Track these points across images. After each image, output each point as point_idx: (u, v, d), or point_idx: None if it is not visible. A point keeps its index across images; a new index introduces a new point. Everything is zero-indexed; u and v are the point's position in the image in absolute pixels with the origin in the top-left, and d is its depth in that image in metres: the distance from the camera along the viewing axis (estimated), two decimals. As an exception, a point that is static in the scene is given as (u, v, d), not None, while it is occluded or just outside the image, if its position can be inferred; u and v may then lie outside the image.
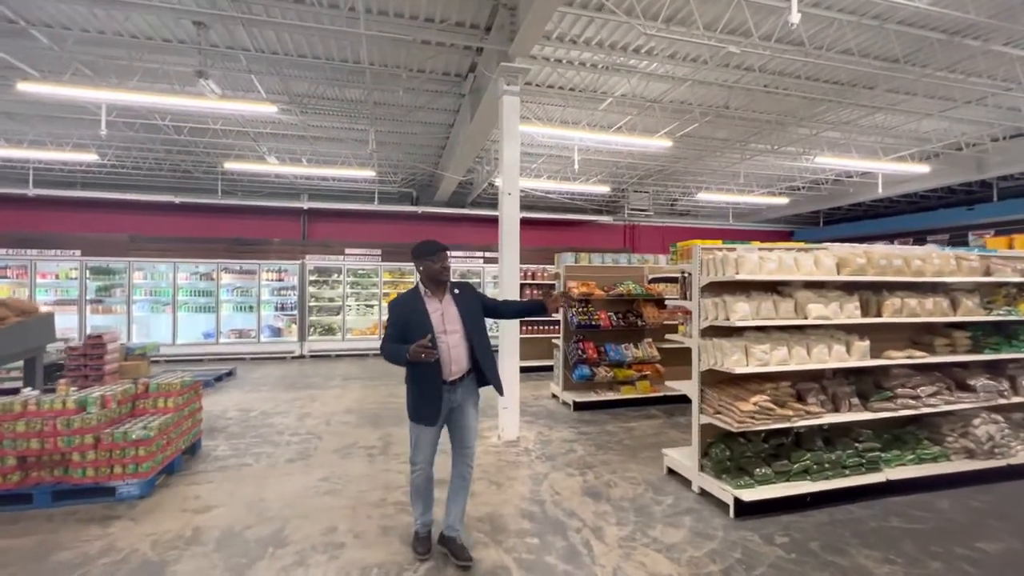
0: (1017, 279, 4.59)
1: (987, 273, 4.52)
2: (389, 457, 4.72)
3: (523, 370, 9.14)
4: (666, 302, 6.93)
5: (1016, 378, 4.47)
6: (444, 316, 2.81)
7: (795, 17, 3.88)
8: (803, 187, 12.94)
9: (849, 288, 4.11)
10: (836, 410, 3.91)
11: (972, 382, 4.28)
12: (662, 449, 4.49)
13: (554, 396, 7.18)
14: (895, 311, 4.02)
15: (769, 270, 3.74)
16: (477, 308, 2.94)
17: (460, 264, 12.43)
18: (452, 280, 2.95)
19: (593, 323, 6.67)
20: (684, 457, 4.15)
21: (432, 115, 8.50)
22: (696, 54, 6.30)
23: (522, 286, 9.77)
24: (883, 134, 9.17)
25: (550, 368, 8.51)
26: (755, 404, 3.59)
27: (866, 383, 4.13)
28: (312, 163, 10.77)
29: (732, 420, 3.58)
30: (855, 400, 3.97)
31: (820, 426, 3.98)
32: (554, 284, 6.69)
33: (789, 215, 15.53)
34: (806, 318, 3.80)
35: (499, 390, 2.98)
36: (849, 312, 3.90)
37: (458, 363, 2.80)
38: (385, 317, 6.11)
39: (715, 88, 7.17)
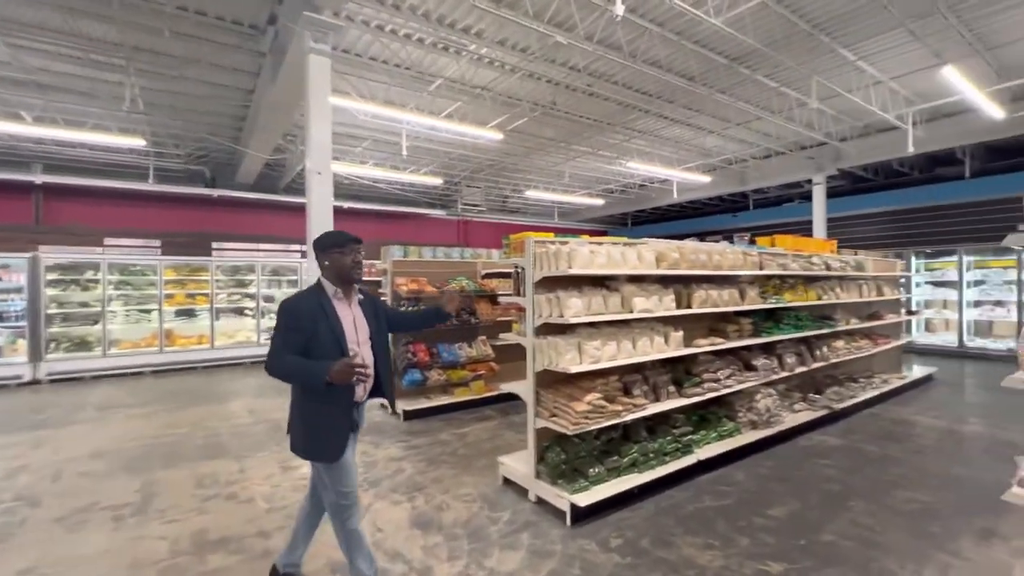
0: (780, 272, 5.43)
1: (761, 267, 5.23)
2: (148, 517, 3.49)
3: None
4: (500, 298, 6.74)
5: (783, 356, 5.28)
6: (356, 324, 2.34)
7: (619, 8, 3.88)
8: (616, 190, 14.30)
9: (664, 282, 4.31)
10: (657, 399, 4.05)
11: (755, 362, 4.90)
12: (498, 457, 4.17)
13: (383, 406, 6.44)
14: (702, 302, 4.33)
15: (599, 264, 3.65)
16: (381, 316, 2.54)
17: (270, 259, 10.68)
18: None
19: (424, 323, 6.11)
20: (520, 463, 3.88)
21: (221, 74, 6.92)
22: (525, 44, 6.18)
23: (346, 283, 8.73)
24: (678, 147, 10.49)
25: (379, 374, 7.70)
26: (589, 403, 3.46)
27: (679, 371, 4.39)
28: (45, 122, 8.00)
29: (568, 423, 3.39)
30: (672, 388, 4.16)
31: (644, 417, 4.09)
32: (446, 287, 6.00)
33: (603, 216, 17.14)
34: (631, 312, 3.82)
35: (392, 405, 2.64)
36: (667, 304, 4.06)
37: (371, 381, 2.36)
38: (196, 323, 4.68)
39: (543, 84, 7.21)
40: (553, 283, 3.67)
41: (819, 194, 10.66)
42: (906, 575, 2.74)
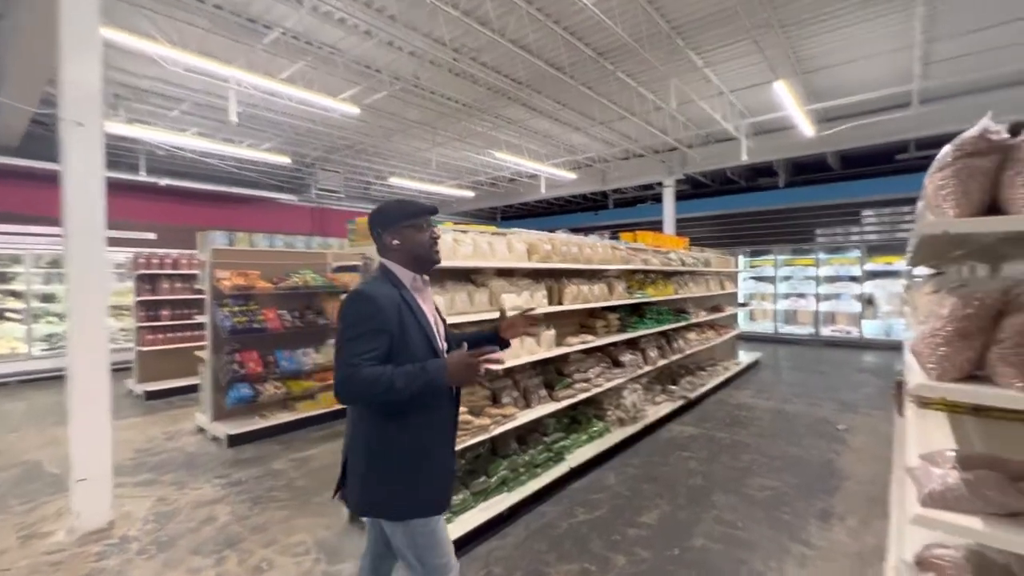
0: (643, 267, 5.47)
1: (627, 262, 5.20)
2: None
3: (155, 395, 6.67)
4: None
5: (646, 350, 5.32)
6: (437, 322, 1.79)
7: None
8: (486, 182, 14.01)
9: (536, 276, 3.95)
10: (528, 406, 3.67)
11: (622, 358, 4.82)
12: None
13: (200, 430, 5.17)
14: (574, 298, 4.06)
15: (464, 255, 3.12)
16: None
17: (45, 247, 8.23)
18: None
19: (256, 326, 5.01)
20: (369, 497, 3.19)
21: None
22: (381, 4, 5.37)
23: (153, 277, 7.02)
24: (546, 142, 10.48)
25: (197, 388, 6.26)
26: (451, 420, 2.91)
27: (550, 373, 4.08)
28: None
29: (425, 446, 2.80)
30: (543, 392, 3.82)
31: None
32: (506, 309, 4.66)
33: (473, 210, 16.81)
34: (501, 310, 3.36)
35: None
36: (538, 300, 3.69)
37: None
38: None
39: (404, 56, 6.46)
40: (409, 277, 3.04)
41: (669, 196, 11.54)
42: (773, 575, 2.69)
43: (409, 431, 1.62)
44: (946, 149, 1.39)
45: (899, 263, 10.53)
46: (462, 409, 2.98)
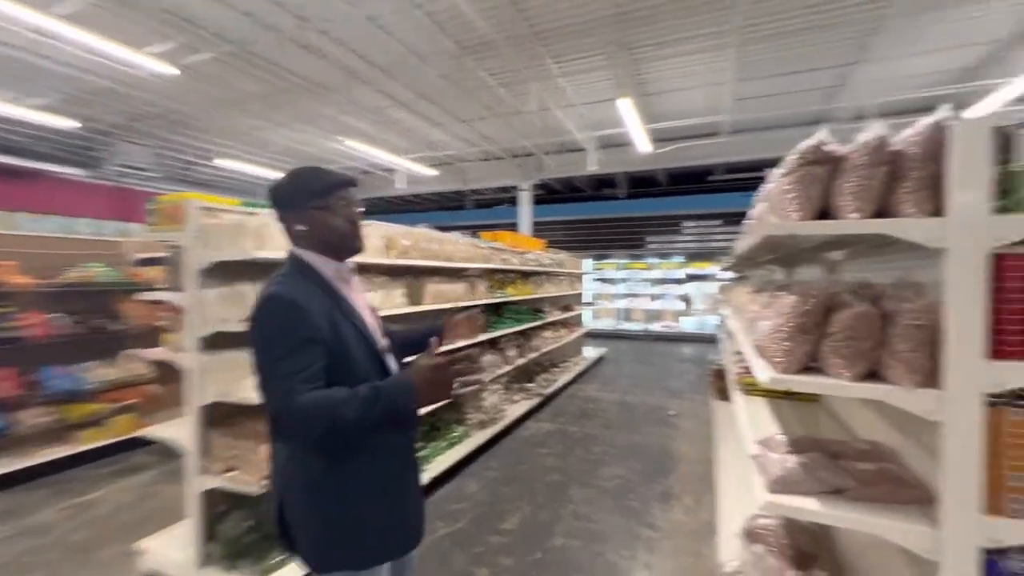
0: (504, 266, 5.47)
1: (488, 260, 5.14)
2: None
3: None
4: (149, 295, 4.80)
5: (505, 349, 5.31)
6: (373, 318, 1.44)
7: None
8: (337, 174, 12.93)
9: (393, 273, 3.62)
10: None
11: (483, 358, 4.72)
12: (138, 542, 2.68)
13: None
14: (434, 297, 3.82)
15: (306, 247, 2.66)
16: None
17: None
18: None
19: (11, 335, 3.77)
20: (175, 546, 2.55)
21: None
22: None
23: None
24: (406, 135, 10.02)
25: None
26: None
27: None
28: None
29: (254, 477, 2.31)
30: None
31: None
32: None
33: (324, 201, 15.41)
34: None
35: None
36: (396, 300, 3.37)
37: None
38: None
39: (234, 14, 5.51)
40: (234, 272, 2.50)
41: (525, 199, 11.95)
42: (625, 564, 2.79)
43: (366, 462, 1.28)
44: (790, 157, 1.49)
45: (711, 268, 12.42)
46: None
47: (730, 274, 11.11)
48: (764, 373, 1.46)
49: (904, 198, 1.32)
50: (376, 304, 2.97)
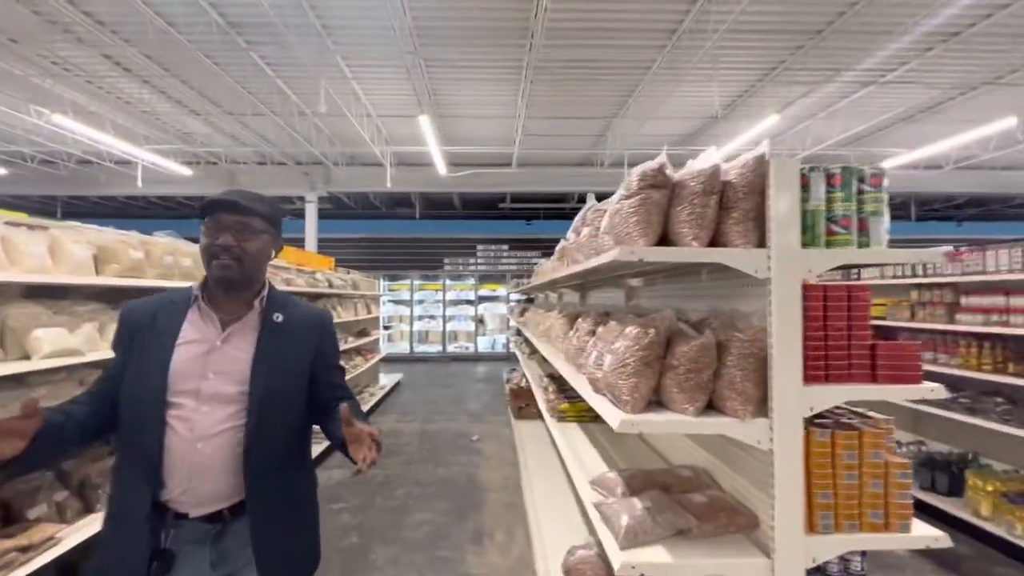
0: (284, 287, 4.60)
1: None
2: None
3: None
4: None
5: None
6: (210, 359, 1.20)
7: None
8: (33, 157, 9.46)
9: (115, 298, 2.56)
10: (89, 509, 2.25)
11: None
12: None
13: None
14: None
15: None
16: (301, 368, 1.31)
17: None
18: (277, 291, 1.38)
19: None
20: None
21: None
22: None
23: None
24: (147, 120, 7.91)
25: None
26: None
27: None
28: None
29: None
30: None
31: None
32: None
33: (7, 195, 11.12)
34: (29, 357, 1.93)
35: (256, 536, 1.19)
36: (89, 338, 2.36)
37: (208, 477, 1.17)
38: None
39: None
40: None
41: (311, 212, 10.72)
42: (442, 636, 2.41)
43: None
44: (631, 178, 1.40)
45: (500, 290, 13.14)
46: None
47: (518, 296, 11.94)
48: (614, 416, 1.30)
49: (732, 228, 1.33)
50: (72, 344, 2.02)
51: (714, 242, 1.35)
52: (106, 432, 1.22)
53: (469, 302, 13.31)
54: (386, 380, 8.50)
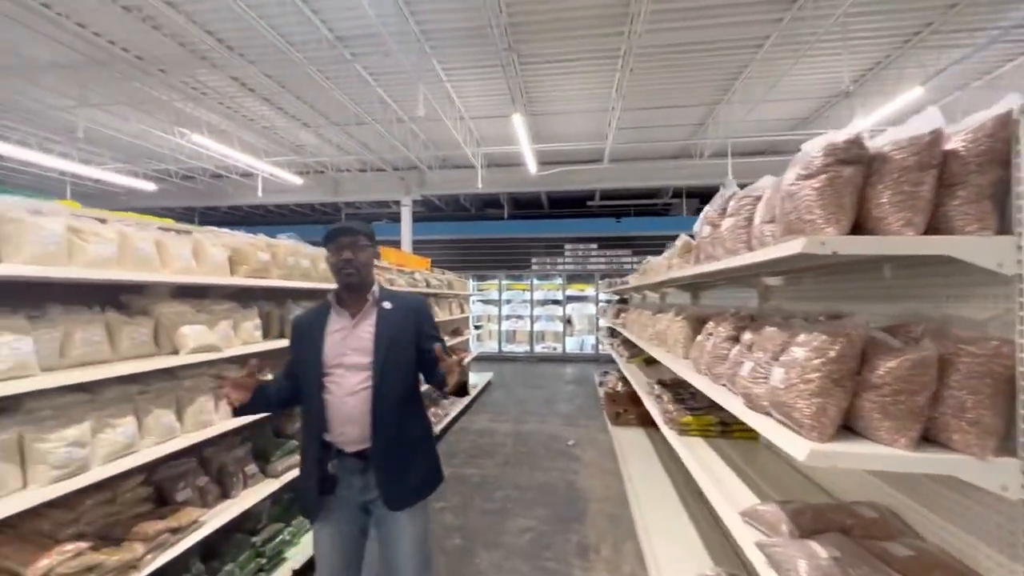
0: (388, 287, 4.75)
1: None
2: None
3: None
4: None
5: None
6: (347, 340, 1.71)
7: None
8: (177, 174, 10.85)
9: (245, 297, 2.73)
10: (226, 495, 2.41)
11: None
12: None
13: None
14: (302, 328, 2.99)
15: (97, 259, 1.75)
16: (408, 339, 1.75)
17: None
18: (384, 287, 1.86)
19: None
20: None
21: None
22: None
23: None
24: (266, 135, 8.70)
25: None
26: (48, 572, 1.52)
27: (264, 435, 2.87)
28: None
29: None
30: (252, 468, 2.60)
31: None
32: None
33: (158, 207, 12.86)
34: (177, 352, 2.08)
35: (381, 481, 1.66)
36: (248, 334, 2.51)
37: (354, 423, 1.64)
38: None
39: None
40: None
41: (407, 215, 11.19)
42: (555, 657, 2.27)
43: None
44: (812, 153, 1.15)
45: (589, 290, 12.83)
46: (70, 550, 1.60)
47: (608, 296, 11.56)
48: (796, 445, 1.07)
49: (960, 210, 1.03)
50: (211, 341, 2.13)
51: (931, 229, 1.06)
52: (292, 403, 1.81)
53: (556, 302, 13.13)
54: (476, 379, 8.60)
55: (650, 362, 5.13)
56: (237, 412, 1.63)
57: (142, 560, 1.81)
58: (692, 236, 2.39)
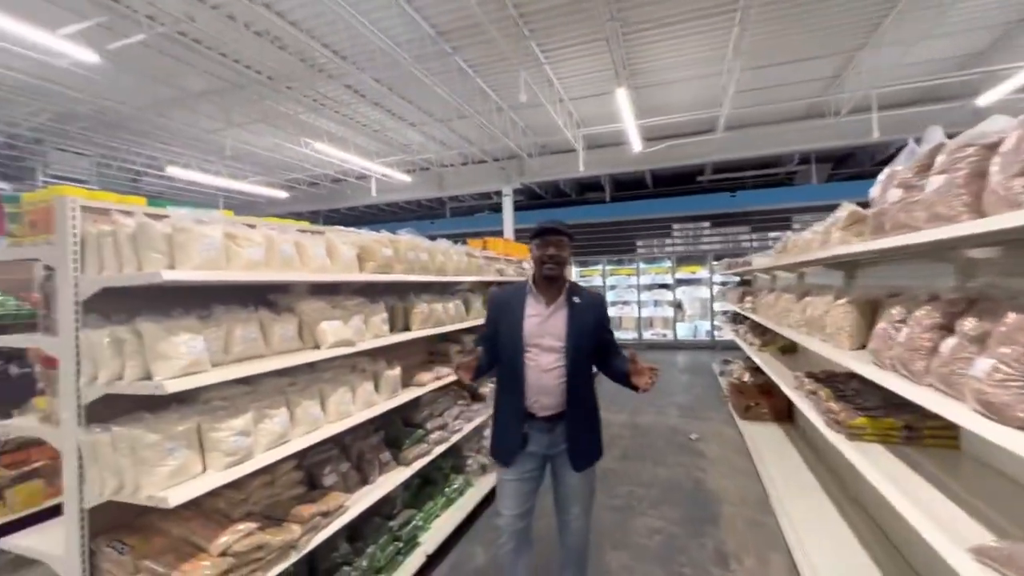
0: (498, 278, 4.74)
1: (481, 272, 4.40)
2: None
3: None
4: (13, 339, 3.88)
5: (505, 375, 4.56)
6: (546, 324, 2.03)
7: None
8: (304, 181, 12.00)
9: (371, 292, 2.84)
10: (365, 481, 2.53)
11: (483, 389, 3.97)
12: None
13: None
14: (424, 320, 3.06)
15: (249, 262, 1.88)
16: (590, 330, 2.06)
17: None
18: (573, 282, 2.18)
19: None
20: None
21: None
22: None
23: None
24: (377, 137, 9.23)
25: None
26: (225, 552, 1.66)
27: (395, 425, 2.99)
28: None
29: (166, 621, 1.50)
30: (386, 455, 2.72)
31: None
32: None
33: (289, 213, 14.41)
34: (318, 347, 2.20)
35: (573, 455, 2.03)
36: (377, 328, 2.60)
37: (547, 394, 2.00)
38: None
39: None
40: (132, 301, 1.70)
41: (508, 205, 11.27)
42: None
43: (497, 395, 2.18)
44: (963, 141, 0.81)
45: (702, 271, 11.95)
46: (242, 530, 1.74)
47: (723, 278, 10.65)
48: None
49: None
50: (347, 336, 2.21)
51: None
52: (491, 368, 2.15)
53: (665, 286, 12.43)
54: (586, 367, 8.41)
55: (786, 350, 4.58)
56: (466, 387, 2.18)
57: (299, 540, 1.93)
58: (863, 204, 1.99)
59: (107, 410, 1.62)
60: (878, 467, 1.77)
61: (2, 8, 4.05)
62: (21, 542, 1.76)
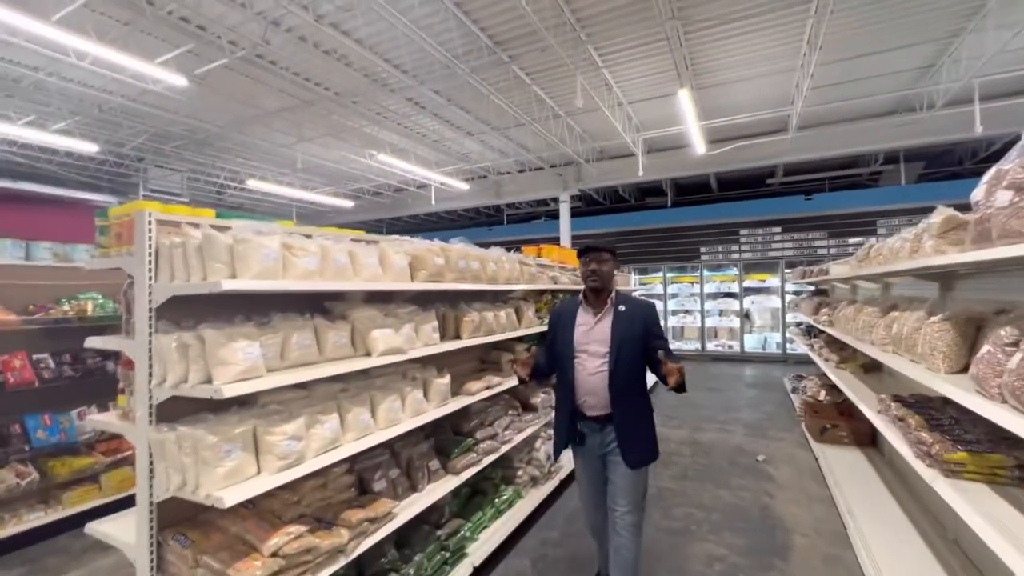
0: (552, 286, 4.68)
1: (534, 280, 4.35)
2: None
3: None
4: (91, 341, 4.21)
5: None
6: (592, 331, 2.28)
7: None
8: (369, 191, 12.54)
9: (422, 301, 2.87)
10: (414, 488, 2.55)
11: (533, 399, 3.91)
12: None
13: None
14: (475, 328, 3.05)
15: (305, 271, 1.94)
16: (637, 335, 2.23)
17: None
18: (620, 291, 2.38)
19: (-15, 380, 3.23)
20: None
21: None
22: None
23: None
24: (436, 147, 9.48)
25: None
26: (276, 553, 1.71)
27: (444, 433, 3.00)
28: None
29: (221, 617, 1.56)
30: (435, 463, 2.72)
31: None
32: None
33: (354, 222, 15.10)
34: (369, 354, 2.24)
35: (625, 453, 2.18)
36: (427, 336, 2.62)
37: (593, 395, 2.22)
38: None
39: (239, 10, 4.99)
40: (196, 308, 1.81)
41: (565, 211, 11.18)
42: None
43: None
44: None
45: (772, 280, 11.23)
46: (292, 532, 1.78)
47: (795, 287, 9.92)
48: None
49: None
50: (398, 343, 2.23)
51: None
52: (552, 372, 2.40)
53: (731, 295, 11.78)
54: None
55: (869, 369, 4.16)
56: (523, 381, 2.40)
57: (348, 545, 1.96)
58: (961, 208, 1.75)
59: (177, 409, 1.73)
60: (983, 512, 1.53)
61: (110, 42, 4.54)
62: (100, 528, 1.90)
